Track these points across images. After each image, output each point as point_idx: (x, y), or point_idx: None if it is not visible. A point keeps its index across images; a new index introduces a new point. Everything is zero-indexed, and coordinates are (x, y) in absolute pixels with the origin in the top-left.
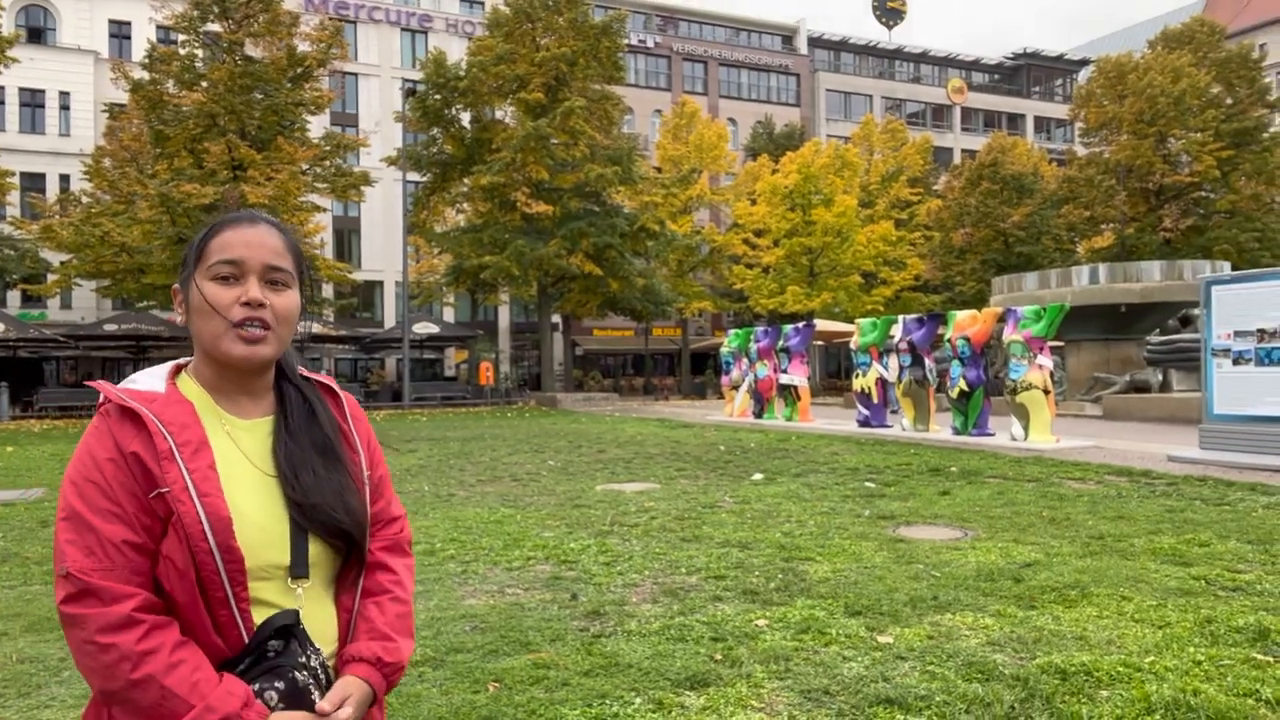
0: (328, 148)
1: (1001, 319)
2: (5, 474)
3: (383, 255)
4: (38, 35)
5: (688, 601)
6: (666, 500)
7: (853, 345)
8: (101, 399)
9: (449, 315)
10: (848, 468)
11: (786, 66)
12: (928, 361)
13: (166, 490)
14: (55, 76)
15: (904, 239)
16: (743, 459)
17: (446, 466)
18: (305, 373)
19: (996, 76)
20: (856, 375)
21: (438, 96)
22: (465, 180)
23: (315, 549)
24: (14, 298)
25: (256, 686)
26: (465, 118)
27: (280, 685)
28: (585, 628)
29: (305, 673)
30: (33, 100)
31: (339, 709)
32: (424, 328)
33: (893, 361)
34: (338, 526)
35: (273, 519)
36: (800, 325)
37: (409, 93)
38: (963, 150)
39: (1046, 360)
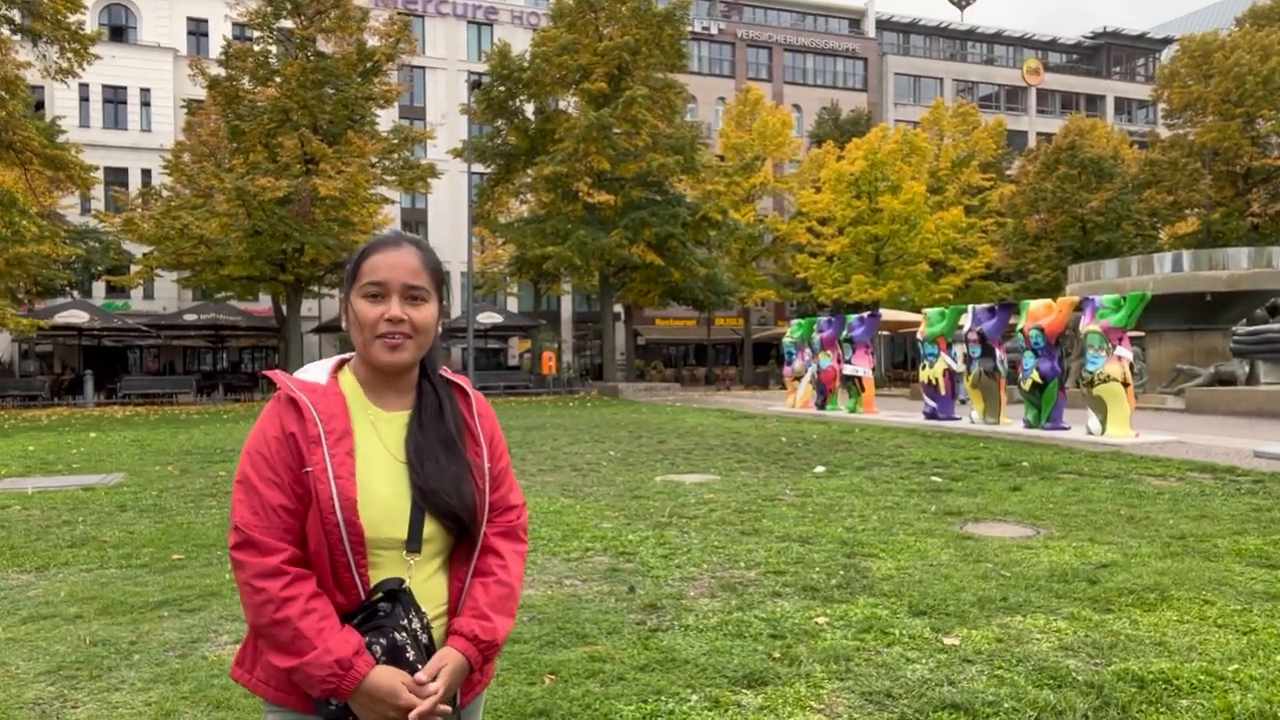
0: (396, 141)
1: (1078, 308)
2: (88, 459)
3: (449, 246)
4: (119, 33)
5: (746, 597)
6: (726, 492)
7: (920, 335)
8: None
9: (513, 305)
10: (913, 461)
11: (853, 50)
12: (998, 352)
13: (310, 470)
14: (136, 74)
15: (975, 226)
16: (804, 451)
17: None
18: (444, 373)
19: (1074, 57)
20: (923, 366)
21: (502, 88)
22: (528, 171)
23: (430, 528)
24: (99, 289)
25: (366, 640)
26: (529, 109)
27: (383, 641)
28: (642, 621)
29: (404, 634)
30: (115, 97)
31: (433, 680)
32: (488, 317)
33: (961, 352)
34: (451, 510)
35: (397, 499)
36: (865, 315)
37: (474, 85)
38: (1038, 133)
39: (1126, 351)
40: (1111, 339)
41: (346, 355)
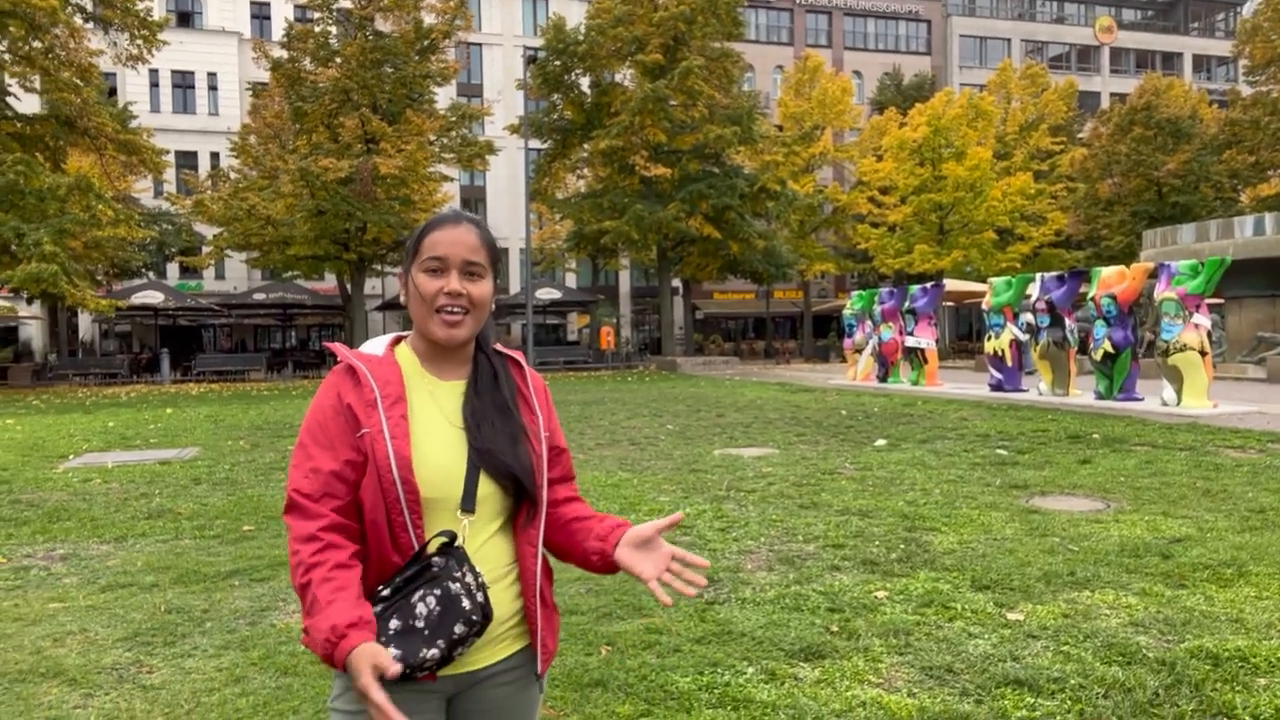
0: (454, 118)
1: (1153, 275)
2: (164, 434)
3: (507, 223)
4: (186, 19)
5: (804, 570)
6: (785, 466)
7: (985, 305)
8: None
9: (571, 281)
10: (977, 434)
11: (916, 13)
12: (1068, 322)
13: (366, 432)
14: (203, 58)
15: (1044, 192)
16: (865, 424)
17: (566, 430)
18: (498, 347)
19: (1150, 13)
20: (989, 337)
21: (557, 62)
22: (585, 146)
23: (485, 489)
24: (173, 270)
25: (421, 592)
26: (585, 82)
27: (437, 592)
28: (699, 594)
29: (459, 585)
30: (183, 82)
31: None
32: (547, 293)
33: (1029, 322)
34: (508, 469)
35: (453, 461)
36: (928, 285)
37: (530, 60)
38: (1111, 94)
39: (1204, 319)
40: (1188, 306)
41: (403, 333)
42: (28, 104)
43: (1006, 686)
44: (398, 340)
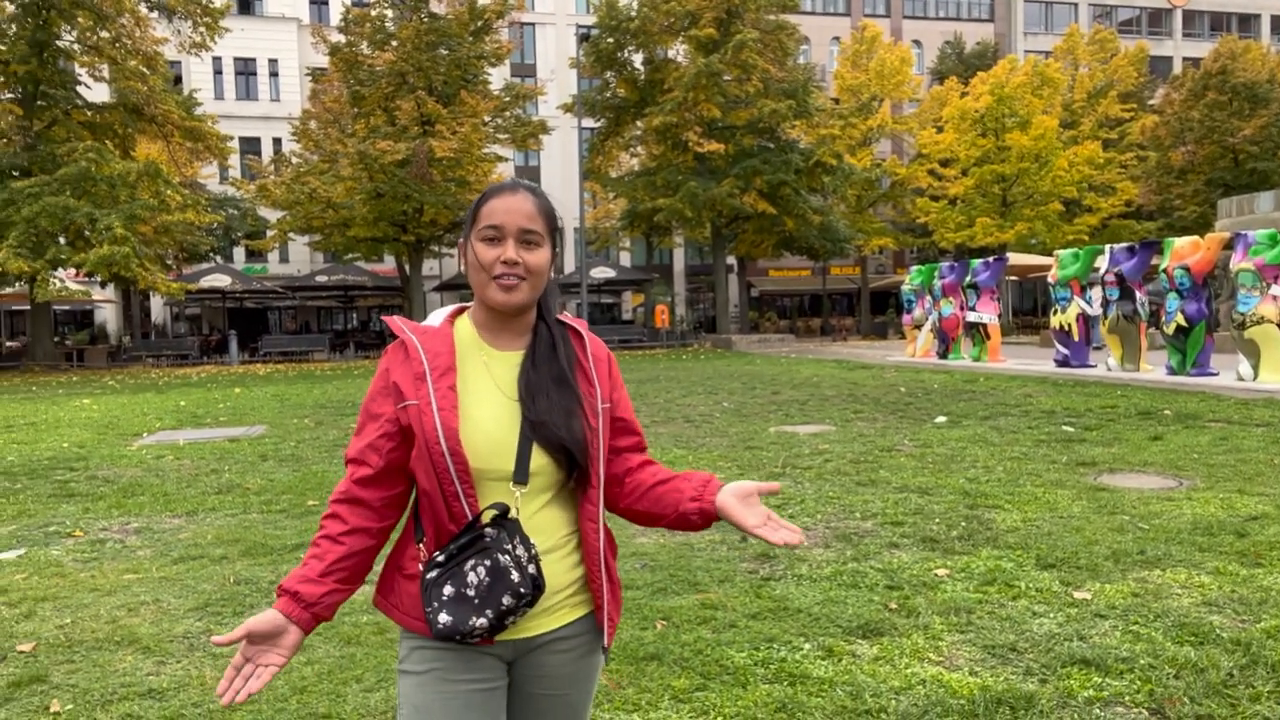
0: (507, 98)
1: (1228, 245)
2: (233, 413)
3: (561, 202)
4: (247, 6)
5: (862, 547)
6: (842, 443)
7: (1051, 279)
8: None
9: (625, 259)
10: (1042, 410)
11: None
12: (1139, 295)
13: (414, 403)
14: (264, 45)
15: (1113, 161)
16: (924, 401)
17: None
18: (561, 316)
19: None
20: (1055, 311)
21: (610, 40)
22: (638, 123)
23: (538, 462)
24: (239, 253)
25: (472, 562)
26: (638, 59)
27: (487, 563)
28: (754, 570)
29: (508, 557)
30: (246, 69)
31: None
32: (601, 272)
33: (1097, 295)
34: (560, 442)
35: (505, 433)
36: (991, 259)
37: (583, 38)
38: (1184, 58)
39: None
40: (1266, 277)
41: (465, 304)
42: (97, 93)
43: (1072, 666)
44: (460, 311)
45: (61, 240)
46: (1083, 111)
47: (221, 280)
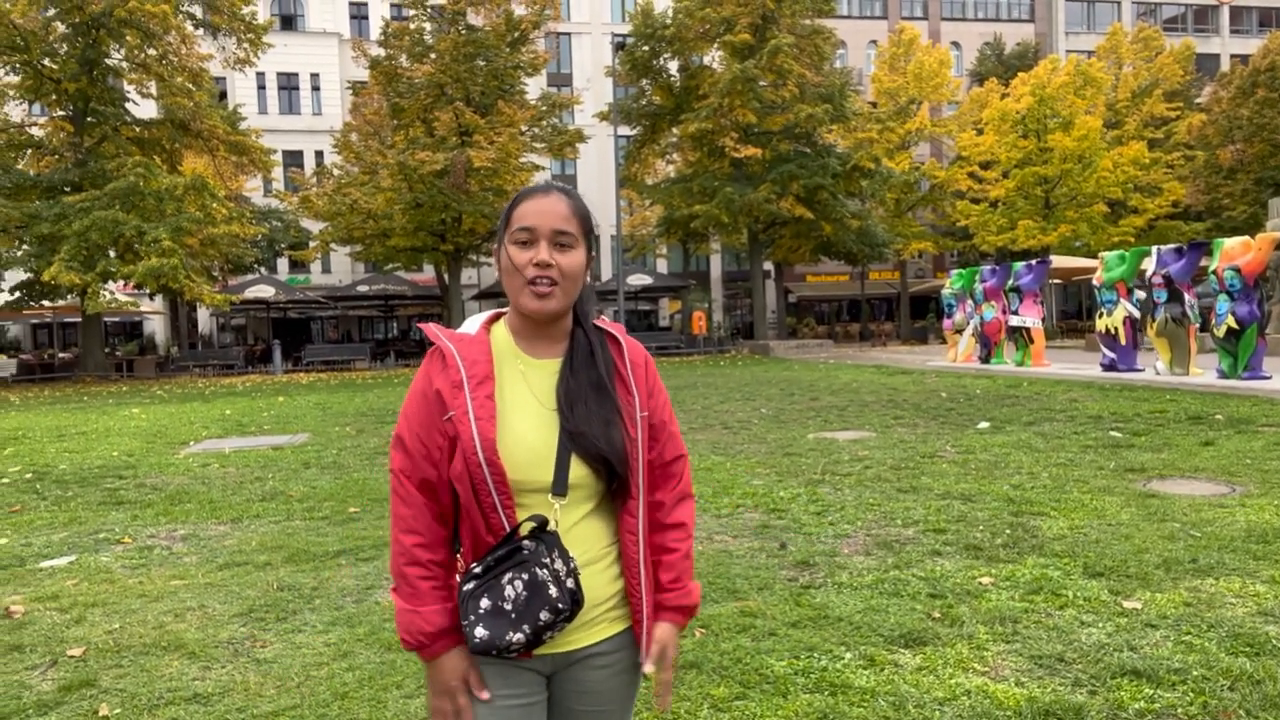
0: (544, 108)
1: None
2: (277, 421)
3: (598, 210)
4: (289, 22)
5: (903, 555)
6: (882, 449)
7: (1096, 281)
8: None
9: (662, 266)
10: (1089, 415)
11: None
12: (1187, 297)
13: (452, 414)
14: (306, 60)
15: (1159, 161)
16: (966, 406)
17: None
18: (598, 322)
19: None
20: (1100, 315)
21: (645, 47)
22: (674, 130)
23: (577, 473)
24: (283, 264)
25: (510, 575)
26: (673, 66)
27: (525, 577)
28: (794, 578)
29: (547, 571)
30: (288, 83)
31: (658, 667)
32: (638, 279)
33: (1144, 298)
34: (599, 453)
35: (543, 443)
36: (1034, 262)
37: (618, 46)
38: (1232, 55)
39: None
40: None
41: (502, 310)
42: (145, 109)
43: (1123, 677)
44: (496, 318)
45: (111, 253)
46: (1127, 111)
47: (265, 291)
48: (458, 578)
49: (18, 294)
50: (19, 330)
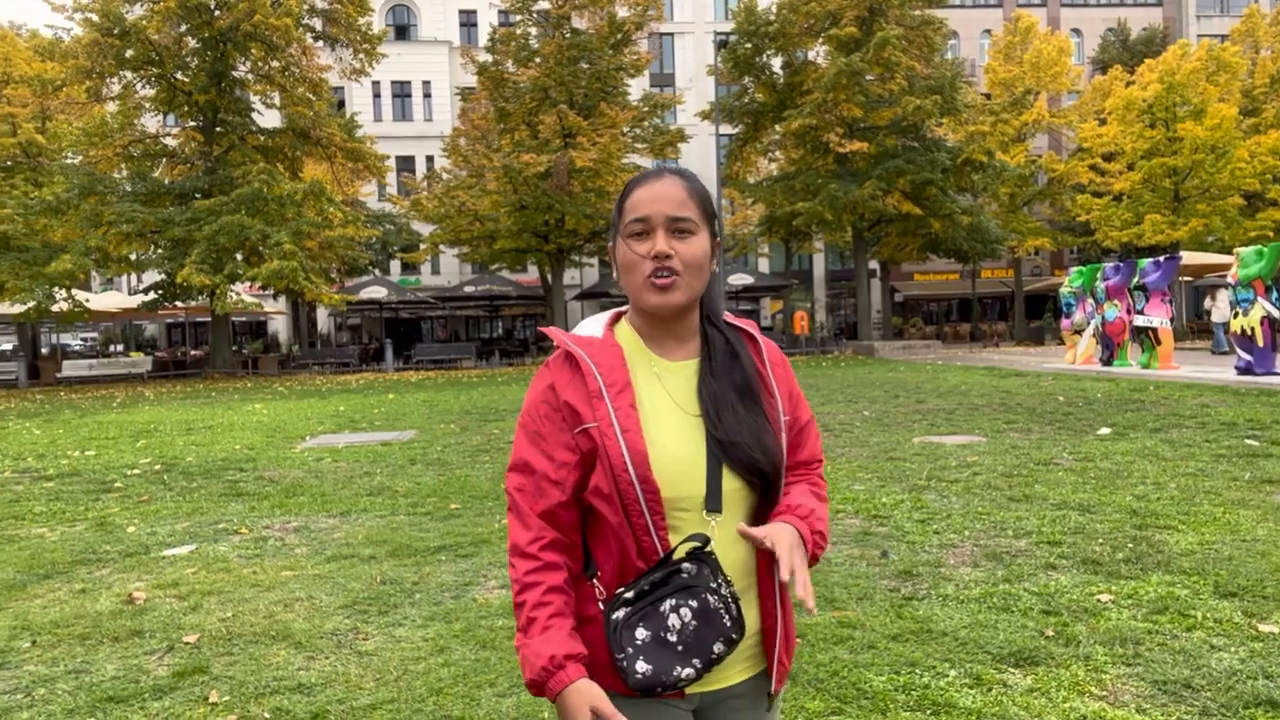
0: (646, 108)
1: None
2: (386, 418)
3: None
4: (402, 32)
5: (1014, 568)
6: (993, 455)
7: (1231, 279)
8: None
9: (764, 266)
10: (1222, 422)
11: None
12: None
13: (594, 425)
14: (418, 68)
15: None
16: (1086, 411)
17: None
18: (729, 318)
19: None
20: (1236, 314)
21: (748, 45)
22: (776, 127)
23: (730, 485)
24: (395, 266)
25: (672, 602)
26: (776, 63)
27: (694, 604)
28: (895, 588)
29: (716, 597)
30: (401, 91)
31: (790, 568)
32: (739, 279)
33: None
34: (755, 465)
35: (691, 454)
36: (1162, 258)
37: (721, 45)
38: None
39: None
40: None
41: (622, 309)
42: (269, 119)
43: (1257, 707)
44: (617, 318)
45: (238, 256)
46: (1265, 98)
47: (379, 292)
48: (600, 606)
49: (153, 295)
50: (155, 329)
